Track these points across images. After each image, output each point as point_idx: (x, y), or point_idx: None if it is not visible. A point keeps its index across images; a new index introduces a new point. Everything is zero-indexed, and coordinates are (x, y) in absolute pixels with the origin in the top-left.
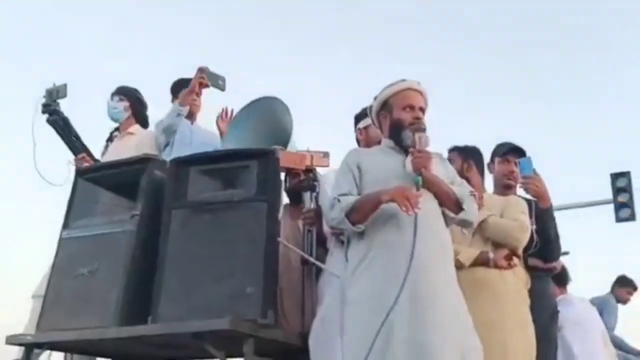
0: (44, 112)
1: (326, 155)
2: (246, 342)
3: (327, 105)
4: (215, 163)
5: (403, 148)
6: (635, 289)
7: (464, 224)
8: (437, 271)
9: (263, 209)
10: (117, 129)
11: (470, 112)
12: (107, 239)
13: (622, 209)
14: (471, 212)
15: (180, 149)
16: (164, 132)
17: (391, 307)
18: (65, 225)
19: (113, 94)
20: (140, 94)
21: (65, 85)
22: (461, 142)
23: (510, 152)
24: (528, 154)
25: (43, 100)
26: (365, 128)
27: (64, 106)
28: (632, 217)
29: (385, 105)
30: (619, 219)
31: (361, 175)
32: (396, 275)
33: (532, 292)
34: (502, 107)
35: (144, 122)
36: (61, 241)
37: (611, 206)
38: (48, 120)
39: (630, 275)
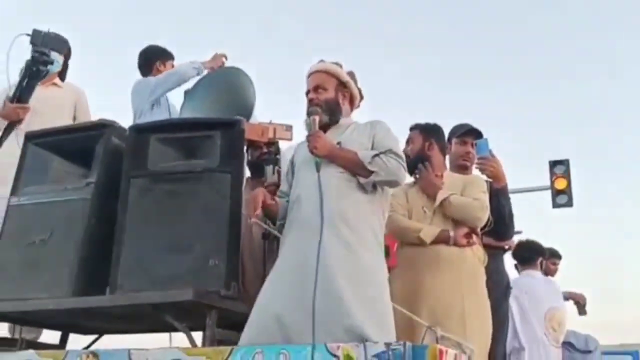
0: (35, 58)
1: (289, 128)
2: (209, 314)
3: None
4: (177, 132)
5: None
6: (559, 258)
7: (384, 184)
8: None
9: (227, 181)
10: None
11: (413, 95)
12: (60, 207)
13: (559, 196)
14: (383, 170)
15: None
16: (176, 79)
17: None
18: (14, 192)
19: None
20: (70, 46)
21: (66, 42)
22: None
23: (467, 133)
24: (485, 135)
25: (34, 45)
26: None
27: None
28: (569, 204)
29: None
30: (555, 205)
31: (293, 170)
32: (296, 254)
33: (485, 269)
34: (446, 90)
35: (64, 73)
36: (10, 208)
37: (549, 192)
38: (31, 67)
39: (565, 258)
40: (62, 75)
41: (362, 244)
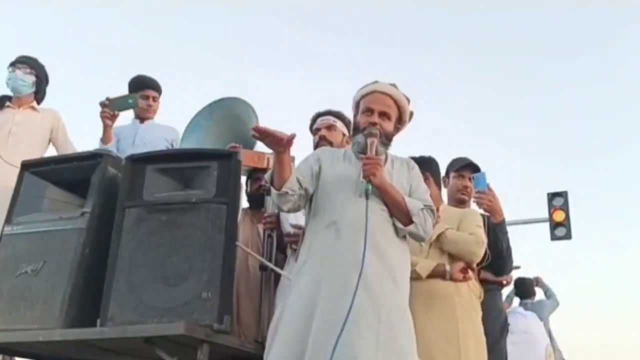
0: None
1: (291, 159)
2: (200, 348)
3: None
4: (174, 162)
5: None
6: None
7: (414, 237)
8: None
9: (222, 212)
10: (6, 98)
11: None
12: (54, 237)
13: (558, 228)
14: (422, 226)
15: (122, 149)
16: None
17: (344, 324)
18: (9, 221)
19: (18, 64)
20: (46, 71)
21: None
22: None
23: (465, 167)
24: (483, 169)
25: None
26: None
27: None
28: (567, 236)
29: (357, 108)
30: (554, 238)
31: (320, 172)
32: (327, 282)
33: (482, 305)
34: (441, 119)
35: (42, 99)
36: (3, 238)
37: (547, 225)
38: None
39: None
40: (40, 100)
41: (396, 287)
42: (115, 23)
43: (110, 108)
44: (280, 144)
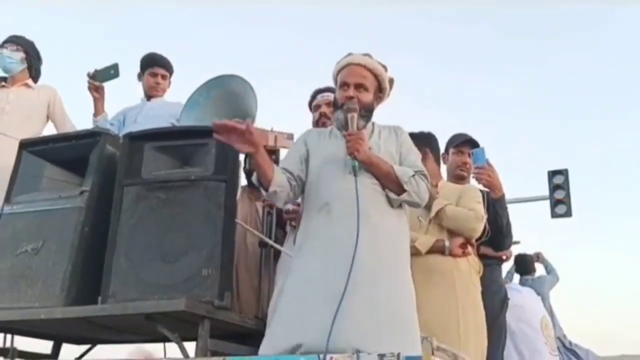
0: None
1: (290, 137)
2: (202, 324)
3: None
4: (172, 140)
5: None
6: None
7: (410, 204)
8: (366, 267)
9: (221, 189)
10: (1, 79)
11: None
12: (53, 216)
13: (558, 206)
14: (415, 193)
15: (126, 127)
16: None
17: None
18: (8, 201)
19: (5, 43)
20: (36, 47)
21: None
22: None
23: (464, 143)
24: (482, 145)
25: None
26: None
27: None
28: (568, 214)
29: (336, 84)
30: (554, 215)
31: (308, 156)
32: (322, 263)
33: (482, 280)
34: (442, 99)
35: (36, 76)
36: (2, 217)
37: (548, 202)
38: None
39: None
40: (36, 78)
41: (393, 261)
42: None
43: (95, 79)
44: (246, 140)
